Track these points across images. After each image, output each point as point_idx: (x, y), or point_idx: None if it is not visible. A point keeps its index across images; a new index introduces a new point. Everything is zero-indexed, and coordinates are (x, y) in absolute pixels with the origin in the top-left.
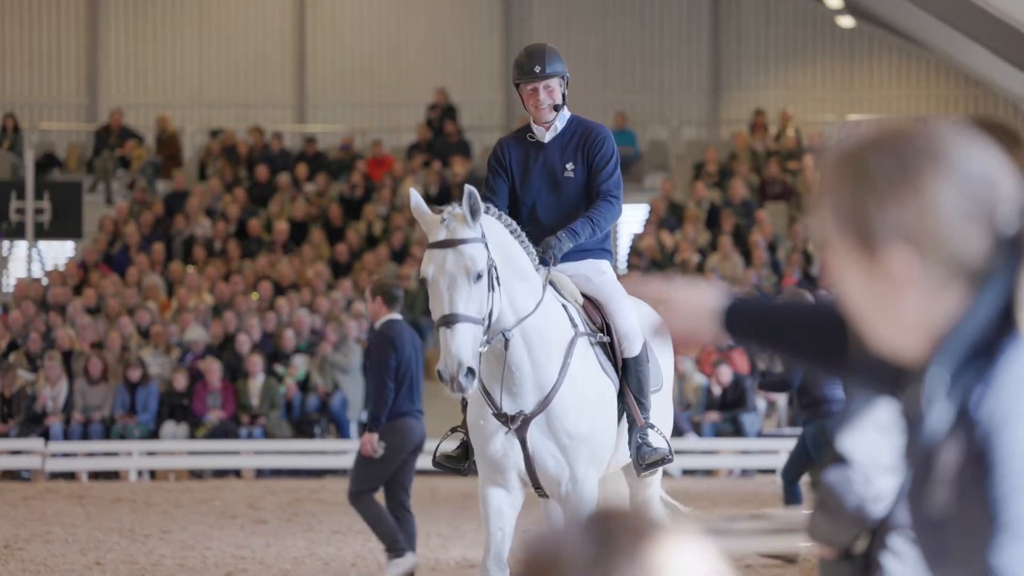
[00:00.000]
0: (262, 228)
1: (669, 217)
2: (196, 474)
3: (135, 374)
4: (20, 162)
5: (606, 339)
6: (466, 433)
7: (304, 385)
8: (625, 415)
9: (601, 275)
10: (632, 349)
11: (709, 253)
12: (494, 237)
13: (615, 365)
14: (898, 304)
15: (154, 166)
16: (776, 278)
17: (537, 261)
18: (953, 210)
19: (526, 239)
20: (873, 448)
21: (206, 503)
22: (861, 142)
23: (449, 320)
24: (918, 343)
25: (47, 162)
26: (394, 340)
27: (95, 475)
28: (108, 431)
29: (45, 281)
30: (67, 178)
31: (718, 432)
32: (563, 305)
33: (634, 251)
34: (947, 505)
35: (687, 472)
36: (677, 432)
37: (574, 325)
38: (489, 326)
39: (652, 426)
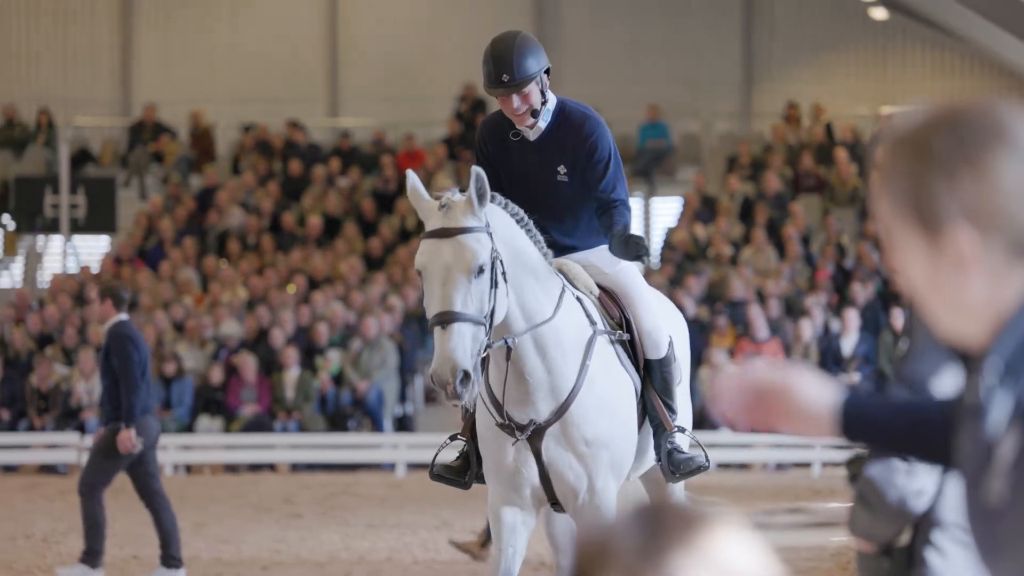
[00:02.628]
0: (295, 222)
1: (702, 210)
2: (231, 468)
3: (170, 368)
4: (54, 157)
5: (626, 337)
6: (467, 441)
7: (338, 379)
8: (648, 419)
9: (615, 264)
10: (657, 350)
11: (742, 246)
12: (501, 229)
13: (636, 364)
14: (962, 287)
15: (187, 161)
16: (810, 271)
17: (551, 255)
18: (1017, 187)
19: (535, 230)
20: None
21: (241, 497)
22: (921, 122)
23: (444, 319)
24: (982, 329)
25: (81, 157)
26: (133, 338)
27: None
28: None
29: (80, 276)
30: (101, 173)
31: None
32: (578, 299)
33: (667, 244)
34: (1003, 497)
35: (721, 466)
36: (711, 426)
37: (592, 321)
38: (491, 327)
39: (682, 429)
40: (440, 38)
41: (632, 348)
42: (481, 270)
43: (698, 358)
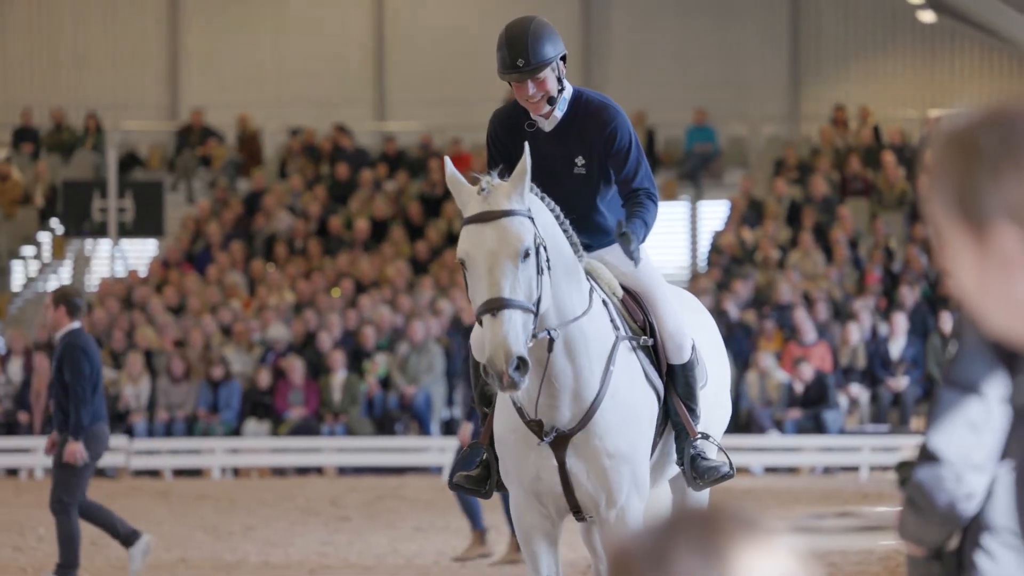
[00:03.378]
0: (343, 226)
1: (749, 214)
2: (279, 471)
3: (218, 372)
4: (103, 162)
5: (650, 342)
6: (486, 449)
7: (385, 383)
8: (670, 423)
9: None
10: (681, 354)
11: (789, 250)
12: (542, 217)
13: (659, 369)
14: (1008, 285)
15: (235, 165)
16: (857, 275)
17: (584, 255)
18: None
19: (569, 227)
20: (964, 446)
21: (288, 500)
22: (968, 122)
23: (493, 306)
24: None
25: (129, 161)
26: (85, 349)
27: (179, 472)
28: (191, 429)
29: (128, 280)
30: (149, 177)
31: (800, 429)
32: (604, 302)
33: (714, 248)
34: None
35: (769, 470)
36: (759, 429)
37: (615, 327)
38: (537, 314)
39: (706, 436)
40: (486, 42)
41: (655, 353)
42: (527, 254)
43: (745, 362)
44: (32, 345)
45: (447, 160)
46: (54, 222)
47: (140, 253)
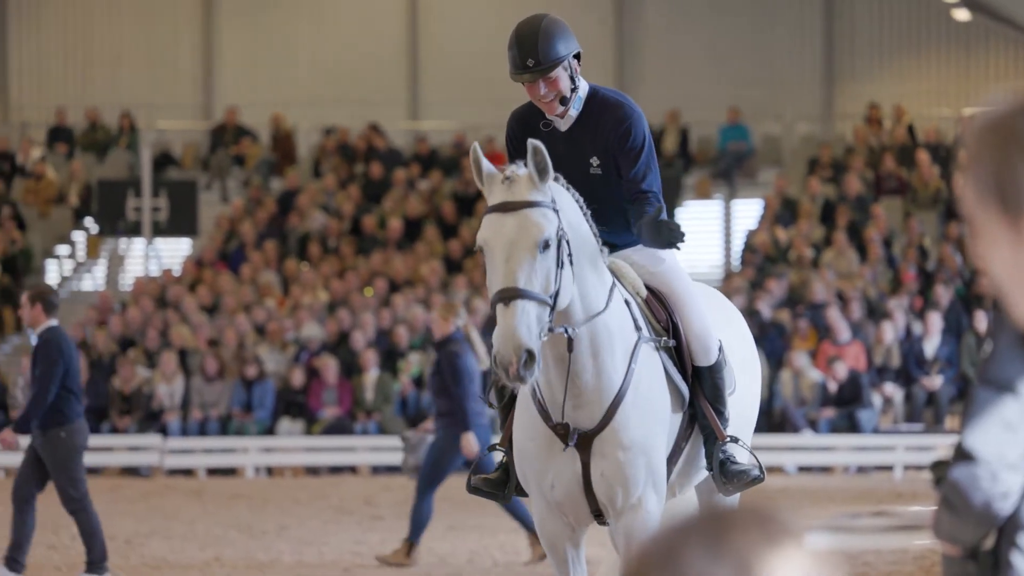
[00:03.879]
0: (376, 225)
1: (783, 212)
2: (312, 470)
3: (251, 371)
4: (137, 161)
5: (672, 343)
6: (506, 452)
7: (419, 382)
8: (698, 427)
9: (660, 263)
10: (707, 356)
11: (823, 249)
12: (568, 209)
13: (683, 371)
14: None
15: (269, 164)
16: (891, 274)
17: (606, 251)
18: None
19: (591, 220)
20: (1000, 444)
21: (322, 499)
22: (1005, 110)
23: (506, 295)
24: None
25: (163, 160)
26: (61, 346)
27: (213, 471)
28: (225, 428)
29: (162, 279)
30: (183, 176)
31: (834, 428)
32: (626, 301)
33: (748, 247)
34: None
35: (803, 469)
36: (793, 428)
37: (637, 327)
38: (554, 308)
39: (735, 440)
40: None
41: (679, 354)
42: (547, 245)
43: (779, 361)
44: None
45: (475, 146)
46: (88, 221)
47: (174, 252)
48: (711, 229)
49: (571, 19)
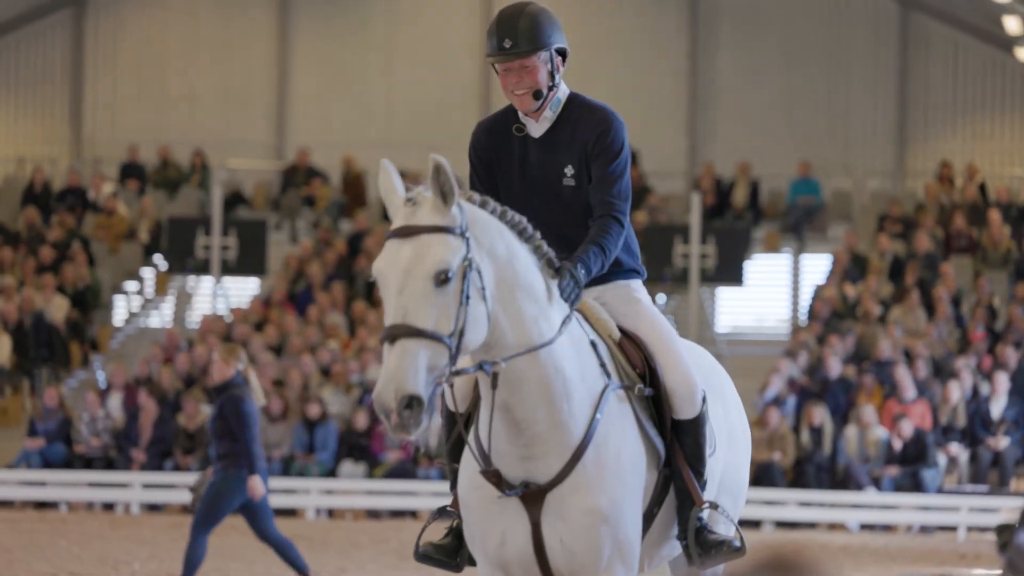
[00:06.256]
0: None
1: (852, 268)
2: (373, 514)
3: (314, 412)
4: (207, 199)
5: (648, 392)
6: (457, 515)
7: None
8: (674, 490)
9: (634, 303)
10: (688, 409)
11: (891, 305)
12: (486, 237)
13: (660, 425)
14: None
15: (339, 205)
16: (959, 333)
17: (558, 280)
18: None
19: (546, 247)
20: None
21: (383, 543)
22: None
23: (393, 333)
24: None
25: (234, 199)
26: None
27: (273, 512)
28: (287, 468)
29: (229, 318)
30: (253, 216)
31: (898, 487)
32: (592, 343)
33: (816, 302)
34: None
35: (865, 527)
36: (856, 486)
37: (606, 373)
38: (458, 351)
39: (715, 506)
40: (592, 85)
41: (657, 405)
42: (445, 278)
43: (843, 417)
44: (133, 380)
45: (384, 162)
46: (158, 258)
47: (242, 291)
48: (779, 283)
49: (644, 69)
